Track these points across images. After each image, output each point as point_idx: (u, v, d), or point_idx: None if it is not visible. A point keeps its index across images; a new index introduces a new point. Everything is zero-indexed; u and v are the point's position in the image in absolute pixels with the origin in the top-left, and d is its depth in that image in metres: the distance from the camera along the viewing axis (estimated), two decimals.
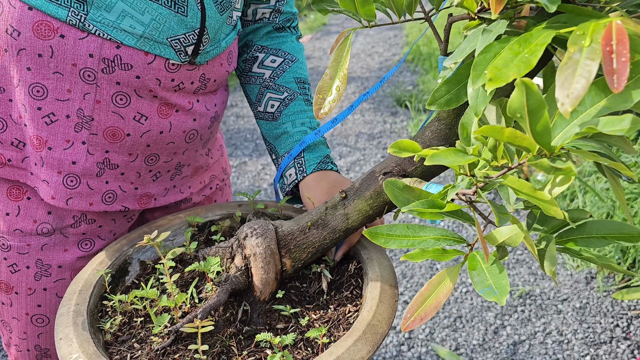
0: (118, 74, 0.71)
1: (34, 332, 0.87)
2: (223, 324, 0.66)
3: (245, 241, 0.70)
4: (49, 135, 0.74)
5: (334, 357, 0.57)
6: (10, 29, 0.68)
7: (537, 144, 0.44)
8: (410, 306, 0.56)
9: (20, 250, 0.81)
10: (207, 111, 0.85)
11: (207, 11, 0.74)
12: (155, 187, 0.86)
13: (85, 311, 0.66)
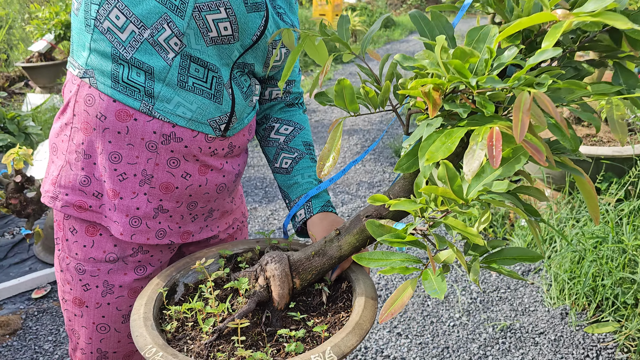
0: (172, 145, 0.99)
1: (98, 338, 1.12)
2: (252, 325, 0.91)
3: (266, 266, 0.95)
4: (121, 188, 1.01)
5: (332, 343, 0.82)
6: (100, 114, 0.96)
7: (456, 197, 0.71)
8: (385, 306, 0.81)
9: (92, 273, 1.07)
10: (233, 169, 1.12)
11: (236, 99, 1.02)
12: (193, 226, 1.12)
13: (152, 317, 0.91)
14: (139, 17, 0.88)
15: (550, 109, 0.65)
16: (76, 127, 0.99)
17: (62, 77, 5.67)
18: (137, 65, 0.91)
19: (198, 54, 0.93)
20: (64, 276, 1.09)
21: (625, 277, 2.18)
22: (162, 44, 0.90)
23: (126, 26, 0.89)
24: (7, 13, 6.34)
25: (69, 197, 1.02)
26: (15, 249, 2.95)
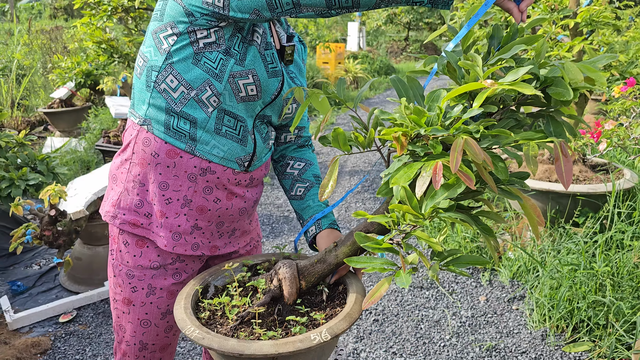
0: (208, 177, 1.27)
1: (141, 332, 1.37)
2: (267, 315, 1.17)
3: (279, 270, 1.22)
4: (166, 210, 1.29)
5: (328, 327, 1.08)
6: (154, 152, 1.25)
7: (415, 212, 0.99)
8: (367, 296, 1.07)
9: (140, 278, 1.34)
10: (252, 197, 1.40)
11: (257, 143, 1.32)
12: (220, 242, 1.39)
13: (190, 307, 1.18)
14: (188, 81, 1.18)
15: (475, 150, 0.93)
16: (134, 162, 1.28)
17: (82, 122, 6.03)
18: (184, 117, 1.21)
19: (230, 108, 1.23)
20: (116, 280, 1.36)
21: (597, 300, 2.42)
22: (204, 101, 1.20)
23: (178, 88, 1.19)
24: (31, 62, 6.78)
25: (126, 216, 1.30)
26: (43, 278, 3.21)
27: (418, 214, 0.99)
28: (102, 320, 2.79)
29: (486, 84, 0.98)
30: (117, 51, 4.91)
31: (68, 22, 22.58)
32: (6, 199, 3.27)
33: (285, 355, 1.04)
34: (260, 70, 1.22)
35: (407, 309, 2.79)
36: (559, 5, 3.17)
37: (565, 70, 1.05)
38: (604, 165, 3.25)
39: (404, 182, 0.98)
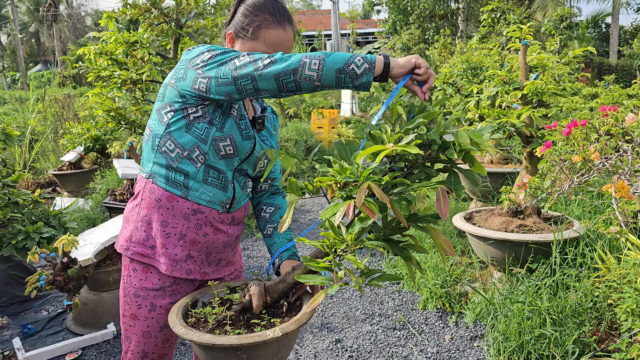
0: (198, 216, 1.66)
1: (143, 342, 1.72)
2: (238, 320, 1.53)
3: (250, 288, 1.59)
4: (166, 242, 1.67)
5: (281, 327, 1.44)
6: (157, 199, 1.64)
7: (337, 237, 1.37)
8: (309, 302, 1.44)
9: (144, 297, 1.70)
10: (234, 233, 1.78)
11: (236, 190, 1.72)
12: (208, 269, 1.76)
13: (180, 315, 1.54)
14: (182, 144, 1.60)
15: (378, 194, 1.32)
16: (142, 206, 1.67)
17: (88, 183, 6.47)
18: (179, 171, 1.62)
19: (214, 164, 1.64)
20: (125, 299, 1.72)
21: (542, 334, 2.74)
22: (194, 159, 1.61)
23: (174, 149, 1.60)
24: (44, 129, 7.31)
25: (136, 248, 1.68)
26: (51, 322, 3.53)
27: (339, 238, 1.38)
28: (104, 358, 3.09)
29: (388, 146, 1.39)
30: (124, 118, 5.40)
31: (77, 90, 23.58)
32: (21, 250, 3.65)
33: (246, 345, 1.39)
34: (236, 135, 1.64)
35: (379, 347, 3.09)
36: (510, 80, 3.66)
37: (457, 137, 1.45)
38: (557, 218, 3.63)
39: (328, 216, 1.37)
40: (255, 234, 5.46)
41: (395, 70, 1.46)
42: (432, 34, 19.09)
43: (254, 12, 1.68)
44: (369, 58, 1.43)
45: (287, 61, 1.41)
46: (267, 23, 1.66)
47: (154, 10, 5.11)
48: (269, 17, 1.67)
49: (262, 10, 1.67)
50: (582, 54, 4.68)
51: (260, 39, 1.66)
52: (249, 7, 1.69)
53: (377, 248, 1.47)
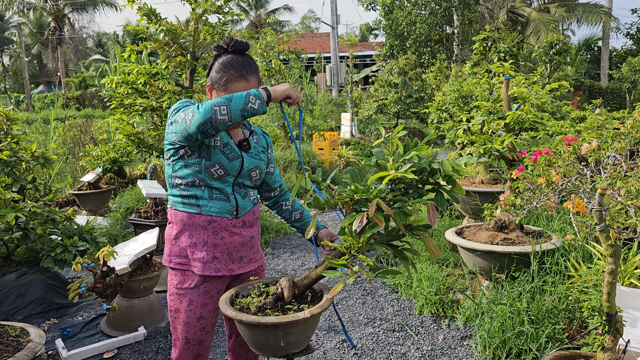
0: (213, 225, 2.10)
1: (185, 330, 2.14)
2: (274, 307, 1.97)
3: (282, 282, 2.03)
4: (194, 250, 2.10)
5: (309, 310, 1.88)
6: (181, 218, 2.09)
7: (354, 240, 1.83)
8: (330, 292, 1.88)
9: (184, 294, 2.12)
10: (248, 234, 2.19)
11: (237, 200, 2.15)
12: (234, 266, 2.18)
13: (228, 302, 1.97)
14: (185, 178, 2.05)
15: (384, 208, 1.78)
16: (173, 228, 2.12)
17: (106, 202, 6.90)
18: (190, 196, 2.06)
19: (213, 184, 2.07)
20: (171, 297, 2.15)
21: (521, 331, 3.17)
22: (197, 185, 2.05)
23: (181, 183, 2.07)
24: (64, 151, 7.77)
25: (175, 260, 2.13)
26: (87, 326, 3.94)
27: (355, 241, 1.83)
28: (137, 356, 3.51)
29: (391, 172, 1.85)
30: (143, 142, 5.85)
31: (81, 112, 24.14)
32: (59, 262, 4.08)
33: (283, 324, 1.83)
34: (223, 159, 2.08)
35: (380, 346, 3.52)
36: (494, 110, 4.14)
37: (442, 165, 1.91)
38: (539, 232, 4.08)
39: (347, 224, 1.82)
40: (264, 249, 5.88)
41: (276, 97, 2.00)
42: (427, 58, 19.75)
43: (222, 69, 2.10)
44: (257, 94, 1.93)
45: (202, 112, 1.87)
46: (233, 77, 2.08)
47: (173, 45, 5.60)
48: (235, 73, 2.08)
49: (229, 67, 2.09)
50: (557, 87, 5.16)
51: (229, 89, 2.09)
52: (219, 65, 2.11)
53: (382, 249, 1.93)
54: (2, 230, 3.92)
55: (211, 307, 2.20)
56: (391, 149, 1.98)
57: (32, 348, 2.61)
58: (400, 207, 1.91)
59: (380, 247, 1.91)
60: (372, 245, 1.91)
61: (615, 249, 2.54)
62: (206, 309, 2.19)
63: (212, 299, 2.19)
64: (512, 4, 23.25)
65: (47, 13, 34.95)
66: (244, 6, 41.83)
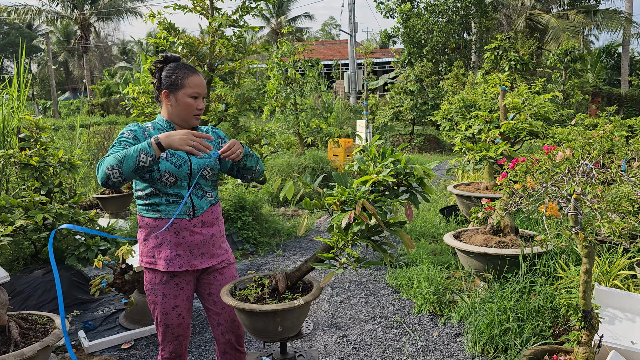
0: (174, 225, 2.31)
1: (163, 318, 2.37)
2: (271, 297, 2.23)
3: (276, 275, 2.29)
4: (160, 249, 2.31)
5: (303, 298, 2.13)
6: (146, 223, 2.34)
7: (342, 236, 2.08)
8: (322, 281, 2.13)
9: (157, 289, 2.34)
10: (208, 233, 2.40)
11: (194, 201, 2.36)
12: (196, 261, 2.37)
13: (229, 292, 2.24)
14: (143, 189, 2.30)
15: (368, 206, 2.04)
16: (142, 231, 2.36)
17: (129, 205, 7.25)
18: (152, 204, 2.30)
19: (168, 190, 2.29)
20: (148, 292, 2.40)
21: (509, 328, 3.37)
22: (156, 193, 2.28)
23: (142, 195, 2.31)
24: (89, 157, 8.17)
25: (145, 259, 2.37)
26: (106, 320, 4.25)
27: (343, 236, 2.08)
28: (152, 347, 3.79)
29: (373, 176, 2.10)
30: None
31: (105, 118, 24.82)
32: (82, 260, 4.40)
33: (282, 310, 2.09)
34: (171, 168, 2.28)
35: (378, 341, 3.75)
36: (491, 119, 4.36)
37: (414, 170, 2.16)
38: (532, 236, 4.28)
39: (336, 221, 2.07)
40: (275, 251, 6.15)
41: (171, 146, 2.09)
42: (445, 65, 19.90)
43: (174, 71, 2.31)
44: (147, 152, 2.06)
45: (100, 175, 2.10)
46: (185, 74, 2.30)
47: (191, 57, 5.93)
48: (186, 70, 2.32)
49: (179, 68, 2.32)
50: (551, 98, 5.32)
51: (186, 84, 2.29)
52: (169, 70, 2.32)
53: (366, 242, 2.17)
54: (31, 230, 4.25)
55: (184, 297, 2.43)
56: (370, 156, 2.23)
57: (57, 334, 2.90)
58: (380, 206, 2.16)
59: (363, 241, 2.16)
60: (357, 240, 2.16)
61: (590, 250, 2.74)
62: (179, 299, 2.43)
63: (183, 290, 2.43)
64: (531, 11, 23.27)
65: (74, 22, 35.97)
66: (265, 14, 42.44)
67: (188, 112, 2.35)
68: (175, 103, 2.34)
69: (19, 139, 4.79)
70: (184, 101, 2.33)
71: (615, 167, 2.79)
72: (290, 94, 10.65)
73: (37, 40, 45.53)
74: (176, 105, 2.34)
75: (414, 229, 6.33)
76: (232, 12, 6.07)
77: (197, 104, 2.35)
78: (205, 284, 2.48)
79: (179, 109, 2.35)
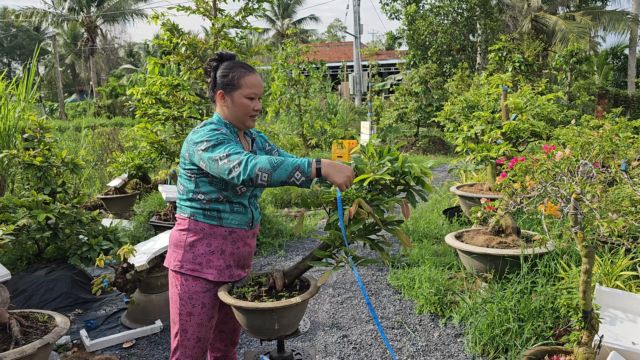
0: (232, 235, 2.34)
1: (197, 331, 2.31)
2: (268, 295, 2.23)
3: (273, 273, 2.29)
4: (212, 257, 2.31)
5: (300, 296, 2.14)
6: (201, 228, 2.29)
7: (339, 236, 2.08)
8: (320, 279, 2.13)
9: (196, 298, 2.30)
10: (254, 244, 2.45)
11: (253, 212, 2.39)
12: (239, 272, 2.41)
13: (227, 291, 2.24)
14: (209, 194, 2.26)
15: (364, 205, 2.04)
16: (189, 236, 2.29)
17: (131, 206, 7.28)
18: (212, 209, 2.28)
19: (234, 199, 2.29)
20: (181, 302, 2.32)
21: (509, 328, 3.36)
22: (222, 200, 2.27)
23: (204, 198, 2.26)
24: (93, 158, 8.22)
25: (188, 266, 2.31)
26: (108, 319, 4.26)
27: (340, 234, 2.08)
28: (153, 346, 3.80)
29: (370, 175, 2.10)
30: (165, 149, 6.20)
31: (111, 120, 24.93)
32: (85, 260, 4.42)
33: (279, 308, 2.09)
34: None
35: (378, 341, 3.74)
36: (493, 119, 4.35)
37: (412, 168, 2.16)
38: (524, 237, 4.26)
39: (333, 220, 2.07)
40: (278, 251, 6.16)
41: (330, 177, 1.97)
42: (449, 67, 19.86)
43: (231, 70, 2.24)
44: (304, 169, 1.94)
45: (247, 172, 1.95)
46: (242, 73, 2.23)
47: (194, 57, 5.95)
48: (242, 69, 2.24)
49: (235, 67, 2.25)
50: (553, 98, 5.30)
51: (243, 84, 2.22)
52: (225, 69, 2.25)
53: (364, 241, 2.17)
54: (34, 230, 4.28)
55: (217, 307, 2.41)
56: (367, 155, 2.24)
57: (58, 332, 2.92)
58: (378, 205, 2.16)
59: (361, 240, 2.16)
60: (354, 239, 2.16)
61: (589, 249, 2.73)
62: (215, 309, 2.40)
63: (218, 300, 2.38)
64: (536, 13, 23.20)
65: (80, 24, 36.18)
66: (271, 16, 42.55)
67: (245, 112, 2.28)
68: (232, 104, 2.27)
69: (23, 139, 4.82)
70: (241, 102, 2.25)
71: (615, 166, 2.78)
72: (295, 95, 10.66)
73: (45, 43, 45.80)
74: (232, 107, 2.27)
75: (417, 230, 6.32)
76: (235, 13, 6.10)
77: (253, 105, 2.28)
78: None
79: (235, 109, 2.27)
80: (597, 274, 3.72)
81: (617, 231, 2.49)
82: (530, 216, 5.01)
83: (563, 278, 3.77)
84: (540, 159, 2.79)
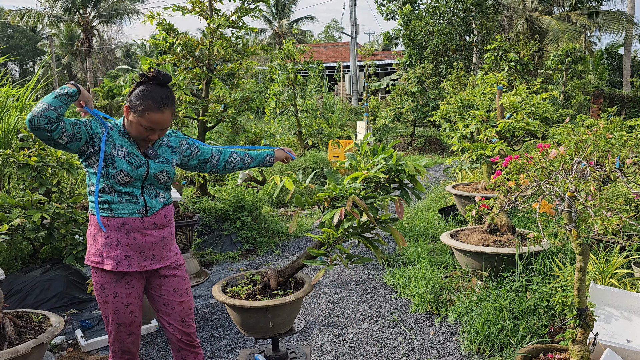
0: (126, 225, 2.31)
1: (115, 317, 2.34)
2: (262, 293, 2.23)
3: (268, 272, 2.29)
4: (109, 249, 2.29)
5: (294, 294, 2.14)
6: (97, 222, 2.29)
7: (333, 232, 2.08)
8: (314, 278, 2.14)
9: (107, 289, 2.30)
10: (159, 235, 2.39)
11: (146, 200, 2.36)
12: (145, 262, 2.35)
13: (221, 290, 2.24)
14: (94, 184, 2.26)
15: (359, 202, 2.04)
16: (91, 230, 2.33)
17: None
18: (103, 202, 2.27)
19: (121, 189, 2.28)
20: (98, 292, 2.36)
21: (504, 327, 3.36)
22: (108, 190, 2.27)
23: (94, 189, 2.26)
24: None
25: (92, 259, 2.34)
26: None
27: (334, 232, 2.08)
28: (148, 346, 3.80)
29: (364, 172, 2.11)
30: None
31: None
32: (80, 259, 4.41)
33: (273, 306, 2.10)
34: (127, 168, 2.29)
35: (374, 340, 3.74)
36: (488, 118, 4.35)
37: (406, 166, 2.16)
38: (519, 236, 4.27)
39: (328, 218, 2.07)
40: (274, 250, 6.16)
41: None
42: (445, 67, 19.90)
43: (142, 97, 2.25)
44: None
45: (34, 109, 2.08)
46: (150, 107, 2.24)
47: (189, 57, 5.95)
48: (152, 103, 2.24)
49: (148, 97, 2.25)
50: (549, 97, 5.32)
51: (144, 117, 2.25)
52: (140, 92, 2.26)
53: (357, 239, 2.17)
54: (29, 230, 4.26)
55: (135, 295, 2.42)
56: (361, 153, 2.24)
57: (52, 331, 2.91)
58: (371, 202, 2.16)
59: (355, 237, 2.17)
60: (348, 237, 2.16)
61: (584, 247, 2.74)
62: (131, 297, 2.41)
63: (135, 288, 2.41)
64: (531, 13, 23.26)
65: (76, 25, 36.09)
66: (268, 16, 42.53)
67: (138, 136, 2.33)
68: (130, 123, 2.31)
69: (18, 139, 4.81)
70: (138, 127, 2.30)
71: (609, 164, 2.79)
72: (292, 95, 10.66)
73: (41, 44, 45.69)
74: (129, 125, 2.32)
75: (413, 229, 6.33)
76: (230, 13, 6.09)
77: (149, 134, 2.32)
78: (156, 285, 2.47)
79: (132, 128, 2.32)
80: (592, 272, 3.73)
81: (611, 229, 2.50)
82: (526, 214, 5.02)
83: (558, 276, 3.78)
84: (534, 157, 2.80)
